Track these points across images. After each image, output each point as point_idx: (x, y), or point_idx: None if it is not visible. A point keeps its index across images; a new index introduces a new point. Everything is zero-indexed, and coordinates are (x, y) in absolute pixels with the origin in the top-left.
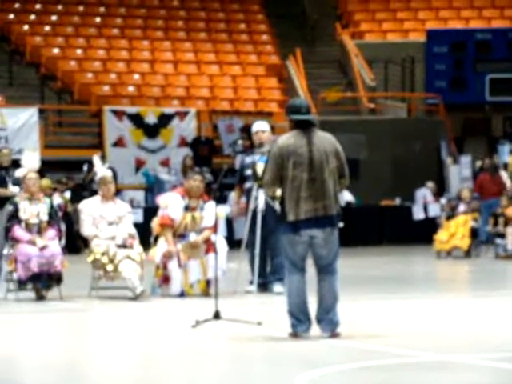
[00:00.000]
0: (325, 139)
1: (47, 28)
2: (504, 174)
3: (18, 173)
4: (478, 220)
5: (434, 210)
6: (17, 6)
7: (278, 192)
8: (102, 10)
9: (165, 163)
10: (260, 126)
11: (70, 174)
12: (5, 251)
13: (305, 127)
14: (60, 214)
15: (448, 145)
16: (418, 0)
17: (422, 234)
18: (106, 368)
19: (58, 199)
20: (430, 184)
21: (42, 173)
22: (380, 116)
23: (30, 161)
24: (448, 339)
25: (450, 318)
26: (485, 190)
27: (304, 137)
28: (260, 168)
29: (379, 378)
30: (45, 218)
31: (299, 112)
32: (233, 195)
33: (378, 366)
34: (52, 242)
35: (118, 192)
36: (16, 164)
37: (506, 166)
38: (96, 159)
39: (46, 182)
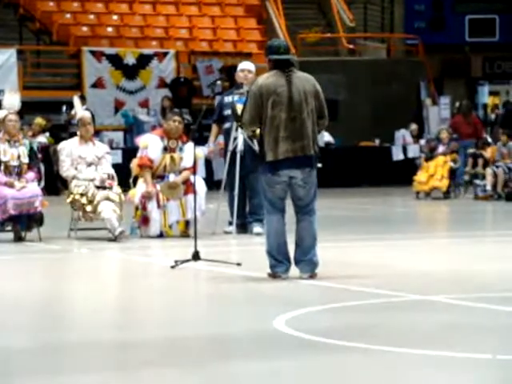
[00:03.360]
0: (304, 79)
1: None
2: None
3: None
4: (457, 161)
5: (414, 150)
6: None
7: (258, 131)
8: None
9: (144, 104)
10: (248, 66)
11: (48, 115)
12: None
13: (284, 67)
14: (40, 155)
15: (427, 86)
16: None
17: (402, 175)
18: (83, 309)
19: (42, 138)
20: (413, 126)
21: (21, 114)
22: (359, 57)
23: (11, 101)
24: (427, 280)
25: (429, 259)
26: (459, 132)
27: (283, 76)
28: (239, 109)
29: (358, 318)
30: (25, 160)
31: (278, 52)
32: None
33: (358, 306)
34: (31, 184)
35: (97, 133)
36: None
37: (485, 107)
38: (76, 100)
39: (39, 120)
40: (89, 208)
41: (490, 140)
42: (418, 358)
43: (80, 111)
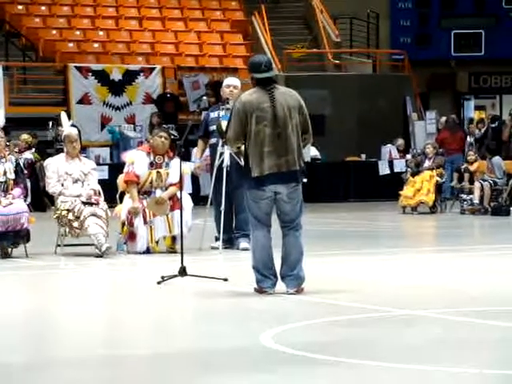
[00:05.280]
0: (287, 95)
1: None
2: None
3: None
4: (443, 176)
5: (400, 165)
6: None
7: (242, 147)
8: None
9: (130, 120)
10: (234, 82)
11: (34, 131)
12: None
13: (266, 84)
14: (26, 171)
15: (413, 100)
16: None
17: (388, 189)
18: (69, 325)
19: (28, 155)
20: (400, 141)
21: (7, 130)
22: (345, 72)
23: None
24: (414, 294)
25: (416, 273)
26: (445, 147)
27: (266, 93)
28: (224, 125)
29: (346, 333)
30: (11, 176)
31: (259, 69)
32: (195, 151)
33: (345, 320)
34: (18, 200)
35: (84, 149)
36: None
37: (471, 121)
38: (63, 116)
39: (25, 136)
40: (75, 224)
41: (475, 155)
42: (406, 373)
43: (67, 128)
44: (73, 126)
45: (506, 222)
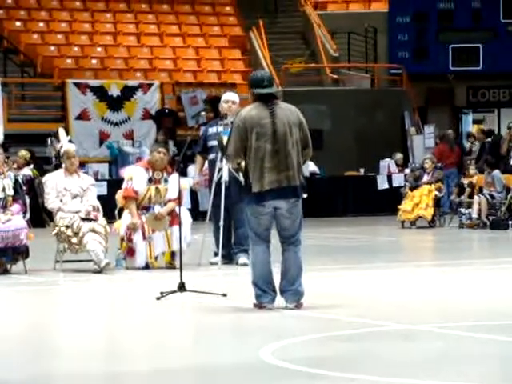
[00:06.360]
0: (288, 110)
1: (9, 1)
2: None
3: None
4: (441, 190)
5: (399, 180)
6: None
7: (243, 163)
8: None
9: (128, 136)
10: (232, 97)
11: (32, 147)
12: None
13: (267, 100)
14: (25, 187)
15: (411, 115)
16: None
17: (387, 204)
18: (69, 341)
19: (27, 171)
20: (398, 155)
21: (5, 146)
22: (343, 86)
23: None
24: (413, 309)
25: (415, 288)
26: (443, 161)
27: (267, 108)
28: (225, 140)
29: (345, 348)
30: (10, 192)
31: (261, 85)
32: (192, 168)
33: (344, 335)
34: (16, 216)
35: (82, 165)
36: None
37: (469, 136)
38: (62, 132)
39: (24, 152)
40: (74, 240)
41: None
42: None
43: (65, 143)
44: (69, 141)
45: (504, 236)
